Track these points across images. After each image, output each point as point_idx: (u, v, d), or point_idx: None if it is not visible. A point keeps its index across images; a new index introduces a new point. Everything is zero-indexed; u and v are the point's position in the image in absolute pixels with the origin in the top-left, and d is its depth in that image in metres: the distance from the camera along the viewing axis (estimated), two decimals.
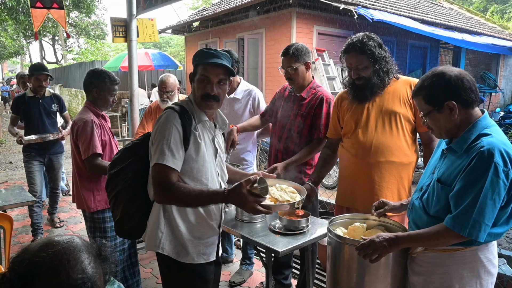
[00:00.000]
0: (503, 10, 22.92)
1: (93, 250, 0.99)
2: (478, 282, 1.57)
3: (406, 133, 2.21)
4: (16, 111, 4.12)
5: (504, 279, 2.47)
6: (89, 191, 2.57)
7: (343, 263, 1.80)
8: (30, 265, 0.88)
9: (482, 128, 1.54)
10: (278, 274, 2.90)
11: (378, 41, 2.22)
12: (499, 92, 13.97)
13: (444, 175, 1.58)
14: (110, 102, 2.69)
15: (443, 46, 13.08)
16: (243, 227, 2.31)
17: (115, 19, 4.46)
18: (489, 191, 1.43)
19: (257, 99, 3.12)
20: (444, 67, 1.62)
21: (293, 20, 8.87)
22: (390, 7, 9.82)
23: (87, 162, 2.49)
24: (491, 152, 1.44)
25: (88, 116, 2.56)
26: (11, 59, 26.75)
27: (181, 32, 13.30)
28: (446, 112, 1.55)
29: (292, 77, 2.63)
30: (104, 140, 2.59)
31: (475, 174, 1.45)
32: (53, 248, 0.91)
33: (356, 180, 2.30)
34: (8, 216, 2.84)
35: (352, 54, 2.19)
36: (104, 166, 2.43)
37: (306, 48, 2.64)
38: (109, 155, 2.60)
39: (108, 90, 2.64)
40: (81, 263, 0.91)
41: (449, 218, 1.50)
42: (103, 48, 26.49)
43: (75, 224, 4.70)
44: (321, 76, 8.62)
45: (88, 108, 2.64)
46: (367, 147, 2.22)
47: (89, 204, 2.56)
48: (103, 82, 2.62)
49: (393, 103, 2.20)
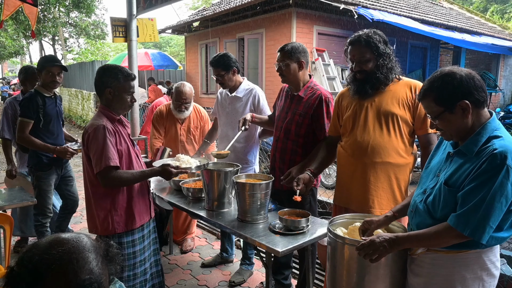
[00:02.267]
0: (503, 10, 22.92)
1: (101, 250, 0.99)
2: (480, 285, 1.56)
3: (403, 135, 2.21)
4: (32, 114, 3.20)
5: (504, 279, 2.47)
6: (105, 211, 2.22)
7: (343, 263, 1.79)
8: (40, 261, 0.89)
9: (492, 130, 1.52)
10: (278, 274, 2.90)
11: (384, 38, 2.24)
12: (499, 92, 13.97)
13: (452, 178, 1.55)
14: (128, 102, 2.30)
15: (443, 46, 13.08)
16: (243, 227, 2.31)
17: (115, 19, 4.46)
18: (497, 193, 1.41)
19: (257, 98, 3.14)
20: (452, 67, 1.58)
21: (293, 20, 8.88)
22: (390, 7, 9.82)
23: (100, 177, 2.12)
24: (504, 154, 1.42)
25: (100, 122, 2.19)
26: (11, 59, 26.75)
27: (181, 32, 13.31)
28: (458, 112, 1.51)
29: (283, 73, 2.66)
30: (121, 149, 2.22)
31: (486, 175, 1.43)
32: (63, 247, 0.92)
33: (351, 180, 2.31)
34: (8, 216, 2.84)
35: (357, 46, 2.21)
36: (123, 179, 2.16)
37: (303, 48, 2.66)
38: (127, 166, 2.25)
39: (124, 89, 2.26)
40: (89, 263, 0.92)
41: (453, 216, 1.49)
42: (103, 48, 26.50)
43: (75, 224, 4.69)
44: (321, 76, 8.63)
45: (102, 113, 2.27)
46: (364, 147, 2.23)
47: (106, 226, 2.22)
48: (116, 80, 2.24)
49: (392, 104, 2.20)
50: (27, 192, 3.27)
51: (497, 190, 1.41)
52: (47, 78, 3.27)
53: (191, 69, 13.16)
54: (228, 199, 2.62)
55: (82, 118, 13.86)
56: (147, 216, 2.42)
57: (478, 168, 1.46)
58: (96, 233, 2.28)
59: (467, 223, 1.44)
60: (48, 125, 3.32)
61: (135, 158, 2.34)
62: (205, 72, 12.17)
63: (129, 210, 2.28)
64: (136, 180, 2.24)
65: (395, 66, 2.24)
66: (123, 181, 2.18)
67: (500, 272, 1.64)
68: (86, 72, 13.97)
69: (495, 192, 1.41)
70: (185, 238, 3.92)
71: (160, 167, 2.27)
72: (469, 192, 1.46)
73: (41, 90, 3.30)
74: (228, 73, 3.10)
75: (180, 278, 3.33)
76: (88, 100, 13.25)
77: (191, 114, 3.72)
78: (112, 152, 2.12)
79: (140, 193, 2.35)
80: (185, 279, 3.31)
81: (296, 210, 2.33)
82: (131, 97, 2.31)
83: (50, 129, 3.34)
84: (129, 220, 2.28)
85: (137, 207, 2.32)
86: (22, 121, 3.19)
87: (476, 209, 1.43)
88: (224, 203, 2.60)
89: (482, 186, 1.43)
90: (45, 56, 3.49)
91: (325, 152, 2.52)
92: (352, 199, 2.31)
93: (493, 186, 1.41)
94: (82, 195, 5.90)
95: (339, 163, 2.42)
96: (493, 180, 1.41)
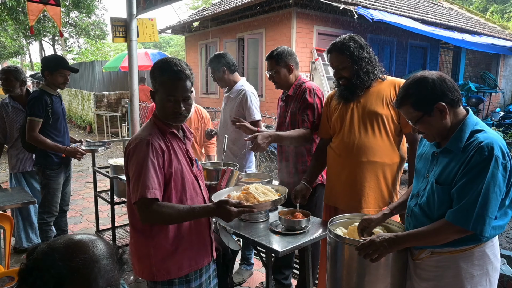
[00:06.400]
0: (503, 10, 22.91)
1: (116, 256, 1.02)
2: (487, 280, 1.58)
3: (389, 134, 2.24)
4: (41, 113, 3.20)
5: (504, 279, 2.48)
6: (146, 248, 1.73)
7: (343, 263, 1.80)
8: (64, 268, 0.91)
9: (472, 125, 1.57)
10: (279, 274, 2.90)
11: (361, 43, 2.27)
12: (499, 92, 13.97)
13: (442, 176, 1.58)
14: (170, 110, 1.70)
15: (443, 46, 13.07)
16: (243, 227, 2.31)
17: (115, 19, 4.46)
18: (491, 184, 1.44)
19: (245, 97, 3.10)
20: (423, 72, 1.64)
21: (293, 20, 8.87)
22: (390, 7, 9.82)
23: (137, 209, 1.63)
24: (491, 146, 1.46)
25: (145, 134, 1.71)
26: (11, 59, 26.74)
27: (181, 32, 13.30)
28: (436, 114, 1.56)
29: (276, 80, 2.72)
30: (170, 172, 1.69)
31: (477, 169, 1.46)
32: (85, 254, 0.94)
33: (339, 179, 2.35)
34: (8, 216, 2.84)
35: (334, 54, 2.29)
36: (164, 215, 1.61)
37: (289, 51, 2.70)
38: (178, 194, 1.73)
39: (165, 90, 1.68)
40: (108, 272, 0.96)
41: (451, 213, 1.50)
42: (103, 48, 26.47)
43: (75, 224, 4.70)
44: (321, 76, 8.62)
45: (154, 122, 1.78)
46: (350, 147, 2.27)
47: (143, 269, 1.75)
48: (162, 77, 1.69)
49: (376, 104, 2.23)
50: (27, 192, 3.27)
51: (490, 181, 1.44)
52: (60, 79, 3.31)
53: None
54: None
55: (82, 118, 13.87)
56: (207, 258, 1.86)
57: (468, 162, 1.49)
58: (140, 276, 1.80)
59: (467, 218, 1.46)
60: (56, 123, 3.36)
61: (191, 182, 1.79)
62: (205, 72, 12.16)
63: (176, 254, 1.74)
64: (183, 219, 1.69)
65: (374, 68, 2.26)
66: (165, 219, 1.65)
67: (500, 272, 1.65)
68: (86, 72, 13.95)
69: (488, 183, 1.44)
70: None
71: (215, 205, 1.69)
72: (463, 187, 1.48)
73: (47, 89, 3.33)
74: (219, 72, 3.14)
75: None
76: (88, 100, 13.24)
77: (192, 115, 3.71)
78: (152, 178, 1.61)
79: (195, 229, 1.79)
80: None
81: (297, 210, 2.33)
82: (173, 105, 1.69)
83: (58, 127, 3.37)
84: (174, 265, 1.73)
85: (188, 250, 1.77)
86: (31, 120, 3.19)
87: (473, 202, 1.45)
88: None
89: (475, 180, 1.46)
90: (56, 57, 3.59)
91: (315, 159, 2.58)
92: (340, 198, 2.36)
93: (485, 178, 1.44)
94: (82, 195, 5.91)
95: (328, 163, 2.47)
96: (485, 172, 1.44)
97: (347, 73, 2.25)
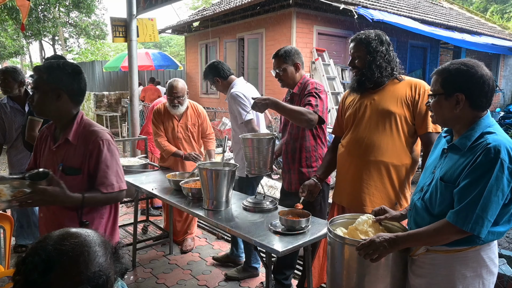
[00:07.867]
0: (503, 10, 22.91)
1: (110, 248, 1.03)
2: (480, 282, 1.57)
3: (401, 134, 2.20)
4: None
5: (504, 279, 2.47)
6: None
7: (343, 263, 1.79)
8: (54, 251, 0.93)
9: (485, 127, 1.54)
10: (279, 274, 2.90)
11: (382, 39, 2.27)
12: (499, 92, 13.97)
13: (448, 173, 1.57)
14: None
15: (443, 46, 13.07)
16: (243, 227, 2.30)
17: (115, 19, 4.46)
18: (493, 187, 1.43)
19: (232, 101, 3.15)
20: (478, 63, 1.58)
21: (293, 20, 8.87)
22: (390, 7, 9.82)
23: None
24: (497, 148, 1.44)
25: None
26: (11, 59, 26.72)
27: (181, 32, 13.30)
28: (452, 102, 1.55)
29: (282, 78, 2.71)
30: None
31: (481, 170, 1.45)
32: (75, 239, 0.96)
33: (345, 177, 2.33)
34: (8, 216, 2.83)
35: (354, 43, 2.30)
36: None
37: (296, 50, 2.71)
38: None
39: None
40: (99, 257, 0.96)
41: (451, 213, 1.50)
42: (103, 48, 26.47)
43: None
44: (321, 76, 8.62)
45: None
46: (359, 145, 2.25)
47: None
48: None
49: (390, 103, 2.21)
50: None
51: (493, 184, 1.43)
52: None
53: (191, 69, 13.16)
54: (227, 198, 2.61)
55: None
56: None
57: (473, 162, 1.47)
58: None
59: (466, 219, 1.45)
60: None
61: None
62: None
63: None
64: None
65: (388, 65, 2.24)
66: None
67: (499, 272, 1.65)
68: (86, 72, 13.93)
69: (491, 186, 1.43)
70: (185, 238, 3.92)
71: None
72: (466, 188, 1.48)
73: None
74: (214, 83, 3.30)
75: (180, 278, 3.33)
76: (88, 100, 13.24)
77: (188, 111, 3.74)
78: None
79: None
80: (185, 279, 3.31)
81: (297, 210, 2.33)
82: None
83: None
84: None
85: None
86: (32, 120, 3.17)
87: (474, 204, 1.44)
88: (223, 202, 2.60)
89: (478, 181, 1.45)
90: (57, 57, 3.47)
91: (330, 154, 2.54)
92: (345, 196, 2.34)
93: (489, 181, 1.43)
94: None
95: (338, 160, 2.44)
96: (489, 175, 1.43)
97: (360, 63, 2.25)
